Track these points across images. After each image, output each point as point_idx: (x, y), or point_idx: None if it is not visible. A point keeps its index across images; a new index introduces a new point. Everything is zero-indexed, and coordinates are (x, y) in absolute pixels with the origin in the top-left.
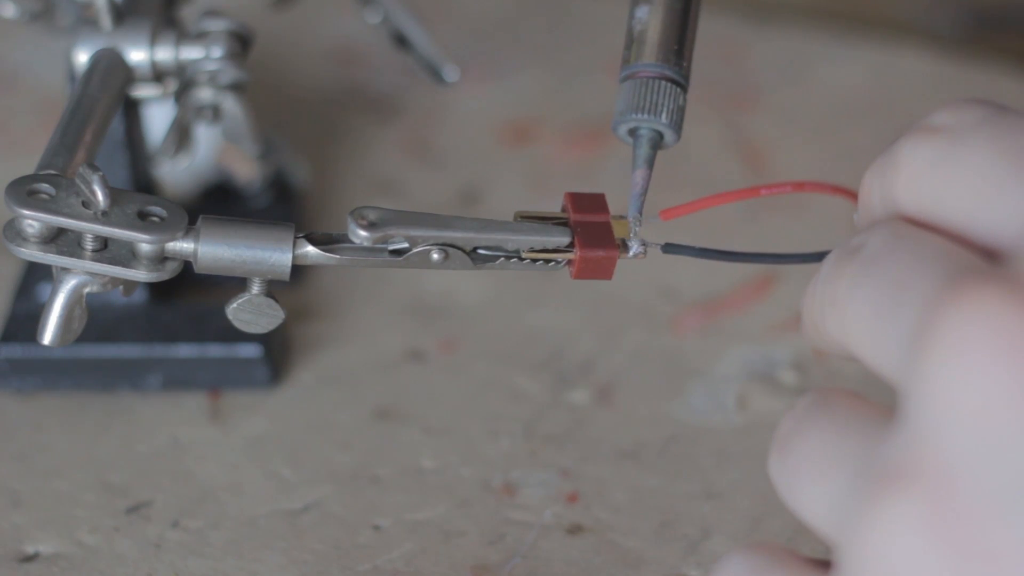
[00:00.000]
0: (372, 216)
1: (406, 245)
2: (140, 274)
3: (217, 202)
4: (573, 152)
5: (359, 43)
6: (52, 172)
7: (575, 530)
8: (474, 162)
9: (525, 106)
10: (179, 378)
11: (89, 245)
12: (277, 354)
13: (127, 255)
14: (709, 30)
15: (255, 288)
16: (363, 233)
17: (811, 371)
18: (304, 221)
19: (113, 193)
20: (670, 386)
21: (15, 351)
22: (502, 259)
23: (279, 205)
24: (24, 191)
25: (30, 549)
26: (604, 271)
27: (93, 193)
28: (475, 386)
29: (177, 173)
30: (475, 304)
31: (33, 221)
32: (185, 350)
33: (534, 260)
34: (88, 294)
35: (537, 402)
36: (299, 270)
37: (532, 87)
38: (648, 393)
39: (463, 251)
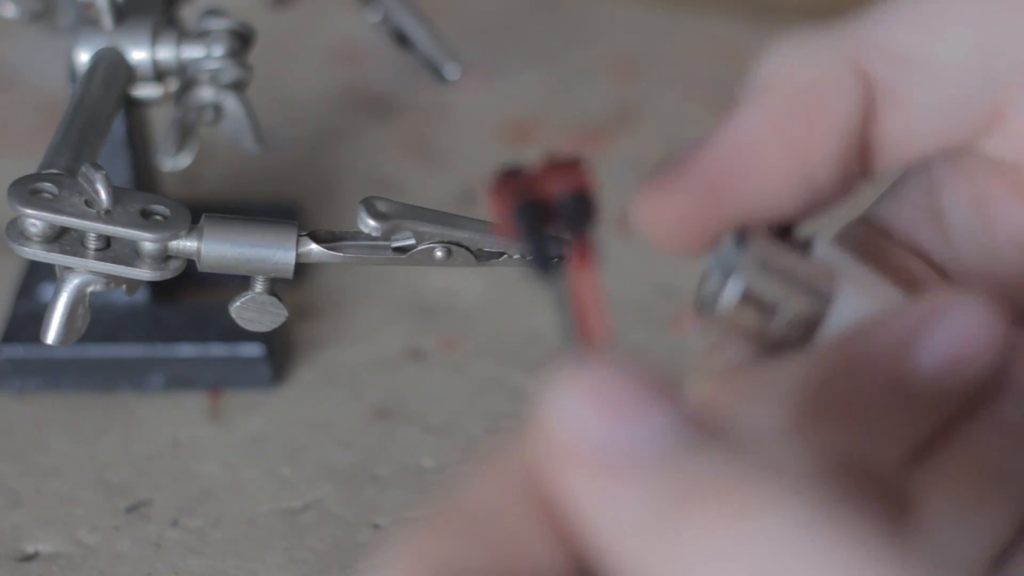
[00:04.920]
0: (383, 207)
1: (411, 242)
2: (144, 273)
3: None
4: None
5: (359, 42)
6: (55, 171)
7: None
8: (474, 162)
9: (525, 106)
10: (181, 378)
11: (92, 244)
12: (279, 353)
13: (130, 254)
14: (709, 30)
15: (258, 286)
16: (372, 223)
17: None
18: (304, 220)
19: (116, 192)
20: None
21: (17, 351)
22: (505, 256)
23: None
24: (27, 190)
25: (30, 548)
26: None
27: (96, 192)
28: (476, 385)
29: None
30: (476, 303)
31: (36, 220)
32: (187, 350)
33: None
34: (91, 293)
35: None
36: (300, 268)
37: (532, 87)
38: None
39: (468, 249)
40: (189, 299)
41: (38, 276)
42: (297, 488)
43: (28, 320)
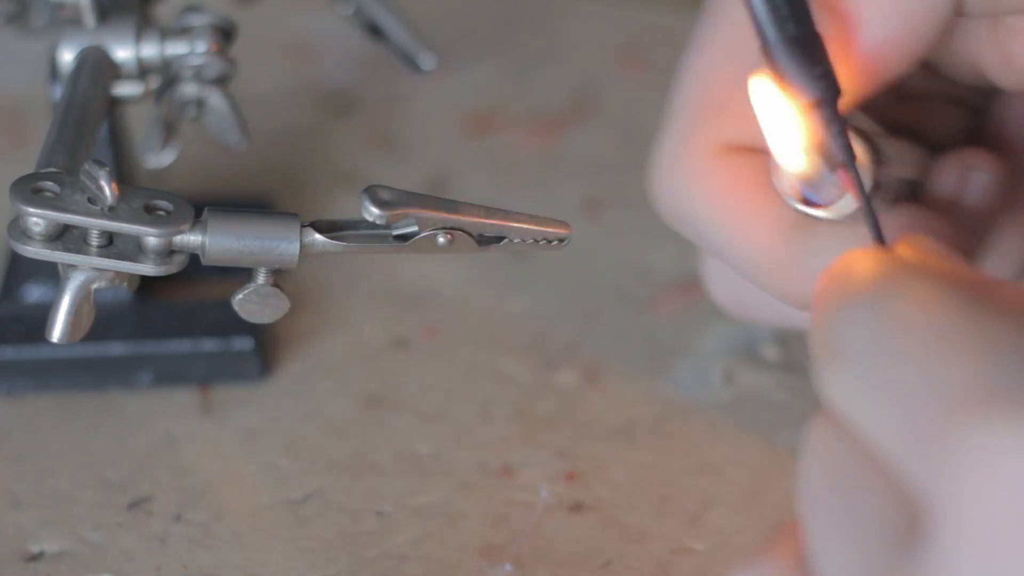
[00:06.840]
0: (386, 195)
1: (413, 229)
2: (148, 268)
3: None
4: (535, 141)
5: (313, 38)
6: (54, 170)
7: (577, 508)
8: (437, 153)
9: (484, 97)
10: (170, 374)
11: (95, 241)
12: (266, 346)
13: (133, 249)
14: (662, 21)
15: (261, 278)
16: (376, 211)
17: (792, 346)
18: None
19: (119, 188)
20: (655, 365)
21: (5, 353)
22: (505, 240)
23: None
24: (29, 189)
25: (35, 548)
26: None
27: (100, 189)
28: (462, 371)
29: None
30: (453, 290)
31: (39, 219)
32: (175, 346)
33: (537, 240)
34: (95, 290)
35: (525, 385)
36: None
37: (491, 77)
38: (634, 372)
39: (470, 235)
40: (169, 295)
41: (20, 277)
42: (296, 479)
43: (13, 322)
